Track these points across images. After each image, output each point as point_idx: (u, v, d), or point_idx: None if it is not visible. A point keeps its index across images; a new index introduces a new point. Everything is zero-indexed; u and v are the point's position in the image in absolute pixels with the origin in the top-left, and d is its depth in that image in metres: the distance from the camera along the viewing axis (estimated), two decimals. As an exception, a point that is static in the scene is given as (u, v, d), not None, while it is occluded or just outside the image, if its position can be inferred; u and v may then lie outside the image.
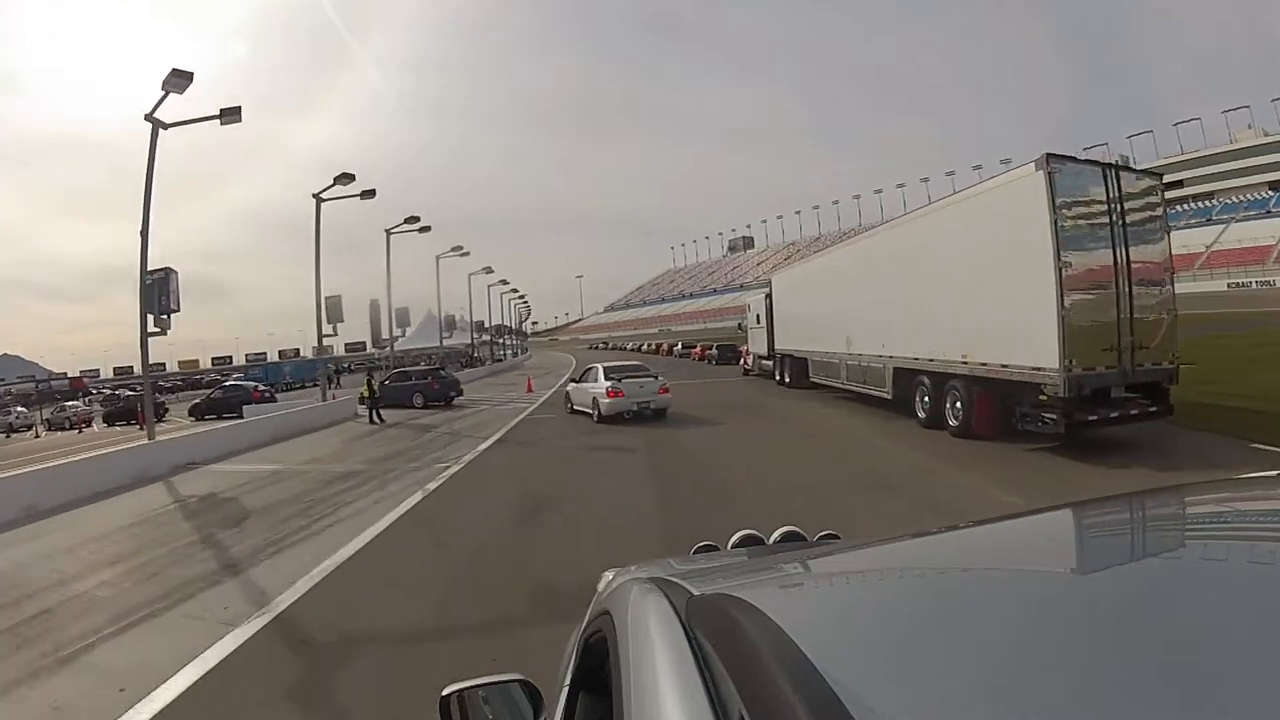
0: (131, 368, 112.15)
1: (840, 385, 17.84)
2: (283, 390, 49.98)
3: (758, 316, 26.04)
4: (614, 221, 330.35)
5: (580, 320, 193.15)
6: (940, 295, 12.54)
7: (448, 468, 11.79)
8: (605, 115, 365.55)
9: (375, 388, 21.70)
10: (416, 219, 29.75)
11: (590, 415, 16.74)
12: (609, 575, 1.54)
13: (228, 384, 36.31)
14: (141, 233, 17.81)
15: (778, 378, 24.02)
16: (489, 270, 49.87)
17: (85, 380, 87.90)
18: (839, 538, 1.57)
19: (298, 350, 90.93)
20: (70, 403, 52.49)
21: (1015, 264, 10.46)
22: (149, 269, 17.39)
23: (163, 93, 17.43)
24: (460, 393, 26.39)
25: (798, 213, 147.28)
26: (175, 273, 17.81)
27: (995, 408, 11.47)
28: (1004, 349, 11.04)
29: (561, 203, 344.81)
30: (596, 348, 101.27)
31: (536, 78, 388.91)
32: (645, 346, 74.62)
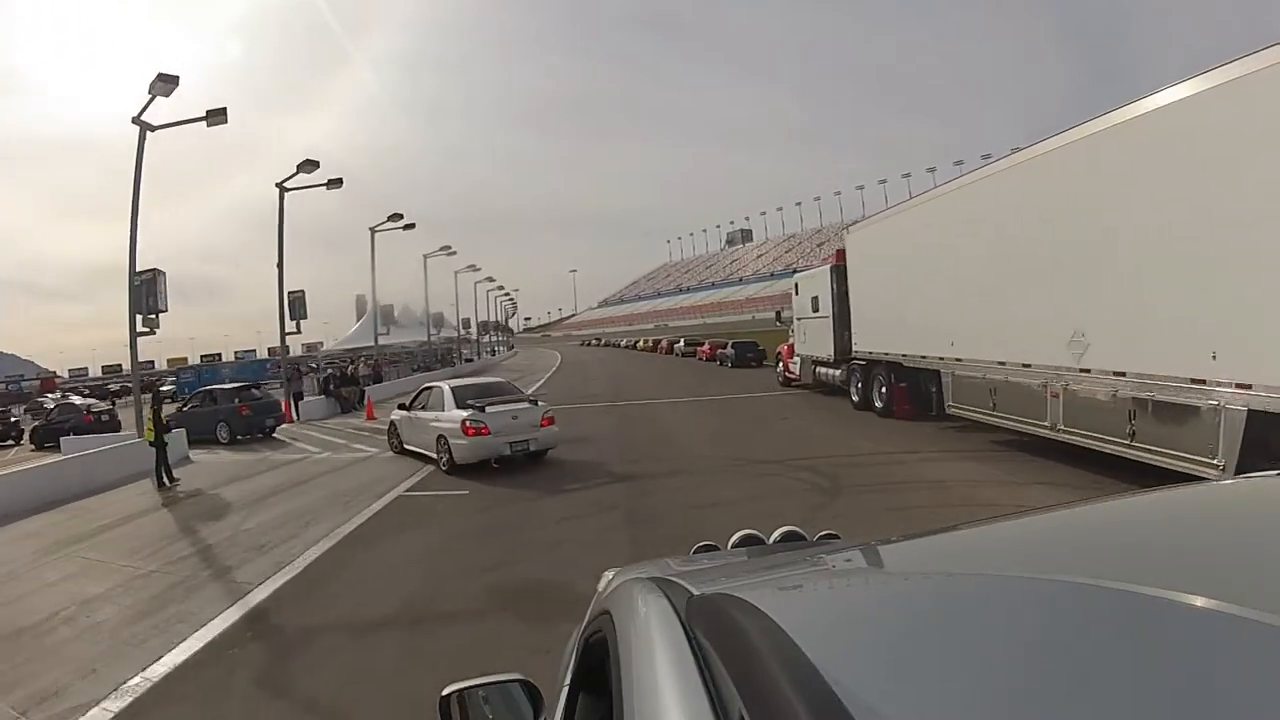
0: (120, 365, 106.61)
1: (1041, 430, 8.64)
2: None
3: (814, 301, 16.75)
4: (611, 220, 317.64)
5: (574, 316, 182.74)
6: None
7: None
8: (604, 114, 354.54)
9: (165, 422, 12.34)
10: (316, 164, 20.35)
11: (437, 462, 10.95)
12: (609, 575, 1.48)
13: (65, 403, 26.54)
14: None
15: (855, 396, 14.77)
16: (449, 251, 39.76)
17: (57, 381, 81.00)
18: (839, 537, 1.47)
19: (288, 349, 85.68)
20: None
21: None
22: None
23: None
24: (280, 420, 18.18)
25: (798, 204, 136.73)
26: None
27: None
28: None
29: (559, 201, 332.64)
30: (589, 344, 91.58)
31: (534, 78, 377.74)
32: (641, 343, 64.71)
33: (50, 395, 58.99)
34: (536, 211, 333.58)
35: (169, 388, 47.16)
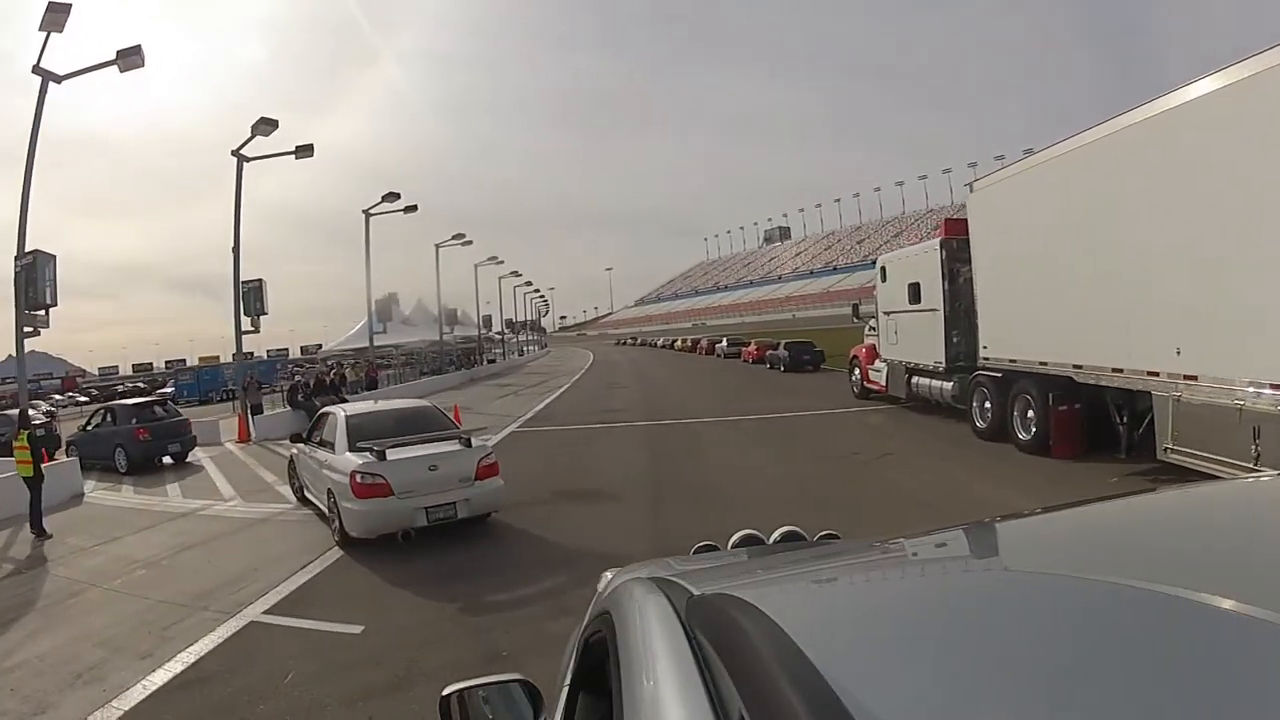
0: (151, 364, 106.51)
1: None
2: (221, 399, 37.80)
3: (912, 290, 12.44)
4: (648, 218, 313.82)
5: (610, 314, 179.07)
6: None
7: None
8: (640, 112, 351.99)
9: (48, 452, 9.00)
10: (275, 124, 16.79)
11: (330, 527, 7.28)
12: (609, 575, 1.43)
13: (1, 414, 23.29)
14: None
15: (980, 421, 10.58)
16: (464, 240, 35.49)
17: (79, 381, 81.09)
18: (839, 537, 1.43)
19: (320, 345, 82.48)
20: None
21: None
22: None
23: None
24: (192, 444, 14.51)
25: (837, 200, 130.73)
26: None
27: None
28: None
29: (595, 200, 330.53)
30: (624, 343, 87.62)
31: (569, 76, 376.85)
32: (679, 343, 60.30)
33: (68, 394, 56.03)
34: (572, 210, 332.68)
35: (168, 391, 41.27)
